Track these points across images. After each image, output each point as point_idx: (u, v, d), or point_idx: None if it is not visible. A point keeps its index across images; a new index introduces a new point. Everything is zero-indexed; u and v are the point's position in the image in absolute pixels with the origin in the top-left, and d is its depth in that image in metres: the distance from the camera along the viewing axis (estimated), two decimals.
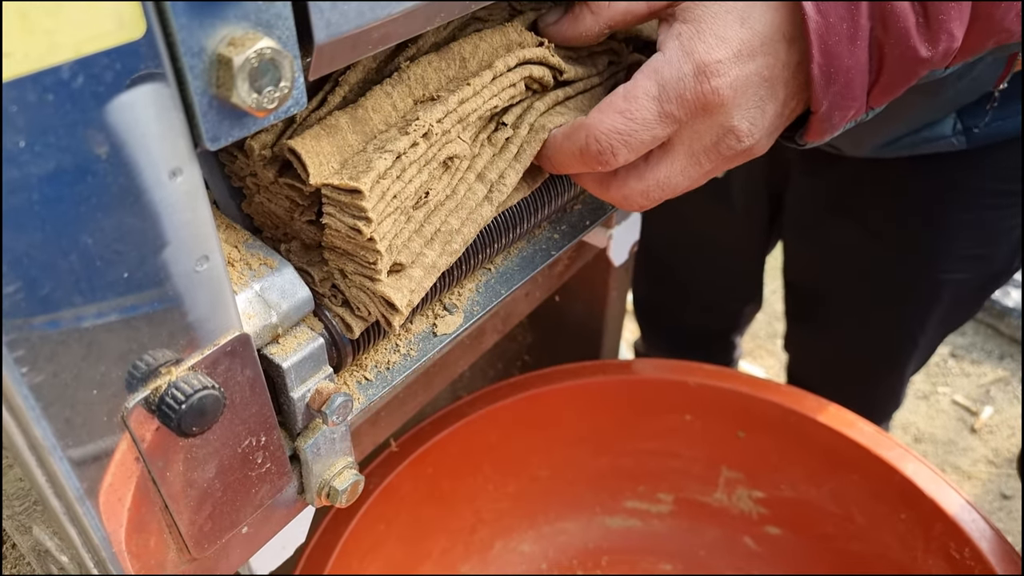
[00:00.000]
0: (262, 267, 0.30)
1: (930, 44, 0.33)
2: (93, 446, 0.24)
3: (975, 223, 0.66)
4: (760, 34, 0.32)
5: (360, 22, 0.25)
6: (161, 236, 0.23)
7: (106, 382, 0.24)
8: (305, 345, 0.31)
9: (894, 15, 0.32)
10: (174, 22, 0.21)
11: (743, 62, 0.33)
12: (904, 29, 0.32)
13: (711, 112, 0.33)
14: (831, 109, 0.34)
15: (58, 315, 0.22)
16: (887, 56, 0.33)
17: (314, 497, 0.34)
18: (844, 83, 0.33)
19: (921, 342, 0.78)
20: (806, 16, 0.31)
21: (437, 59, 0.34)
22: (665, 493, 0.79)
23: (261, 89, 0.23)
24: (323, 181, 0.30)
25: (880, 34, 0.32)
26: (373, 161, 0.30)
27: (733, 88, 0.33)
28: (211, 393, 0.25)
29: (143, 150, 0.22)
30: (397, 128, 0.32)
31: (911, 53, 0.33)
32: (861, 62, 0.33)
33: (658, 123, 0.33)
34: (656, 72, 0.33)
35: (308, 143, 0.30)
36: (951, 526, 0.62)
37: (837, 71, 0.32)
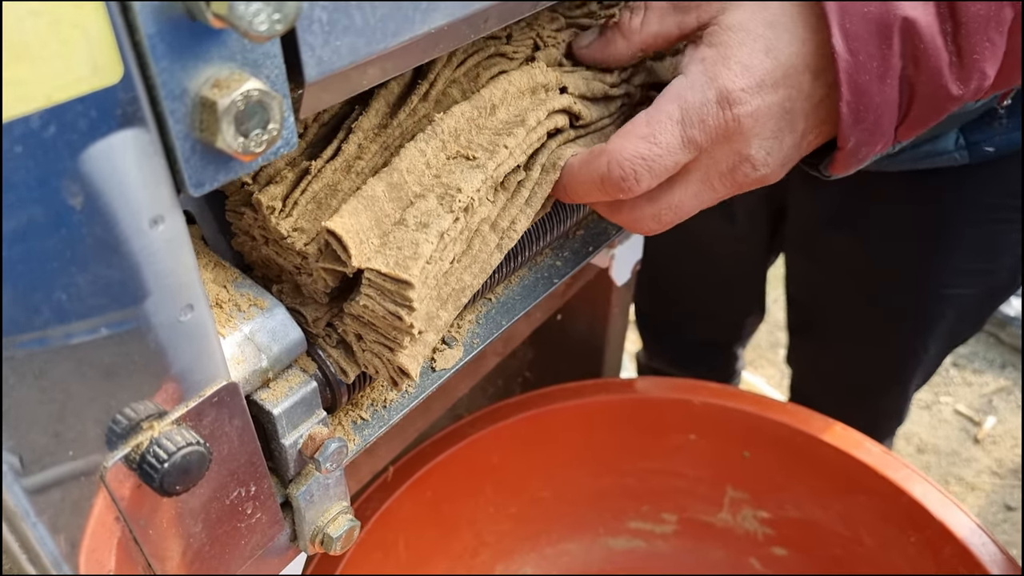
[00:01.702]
0: (252, 308, 0.29)
1: (962, 83, 0.32)
2: (69, 509, 0.23)
3: (977, 237, 0.65)
4: (784, 65, 0.32)
5: (354, 58, 0.24)
6: (142, 287, 0.22)
7: (83, 440, 0.23)
8: (297, 389, 0.29)
9: (927, 54, 0.31)
10: (154, 65, 0.20)
11: (765, 92, 0.32)
12: (936, 68, 0.31)
13: (730, 139, 0.33)
14: (858, 145, 0.33)
15: (30, 364, 0.20)
16: (917, 94, 0.32)
17: (307, 544, 0.32)
18: (873, 120, 0.32)
19: (924, 357, 0.77)
20: (836, 54, 0.30)
21: (469, 108, 0.33)
22: (669, 513, 0.78)
23: (248, 132, 0.21)
24: (368, 265, 0.29)
25: (912, 72, 0.31)
26: (420, 245, 0.29)
27: (754, 117, 0.32)
28: (196, 450, 0.24)
29: (121, 199, 0.21)
30: (436, 196, 0.31)
31: (943, 92, 0.32)
32: (891, 99, 0.32)
33: (681, 149, 0.33)
34: (679, 96, 0.33)
35: (347, 221, 0.29)
36: (961, 549, 0.61)
37: (866, 108, 0.32)
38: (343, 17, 0.23)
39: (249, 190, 0.30)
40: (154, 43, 0.19)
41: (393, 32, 0.25)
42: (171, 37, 0.19)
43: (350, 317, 0.31)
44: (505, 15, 0.30)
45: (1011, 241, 0.66)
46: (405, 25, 0.25)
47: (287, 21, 0.19)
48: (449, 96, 0.35)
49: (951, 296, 0.70)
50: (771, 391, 1.49)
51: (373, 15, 0.24)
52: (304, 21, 0.22)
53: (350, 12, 0.23)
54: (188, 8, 0.19)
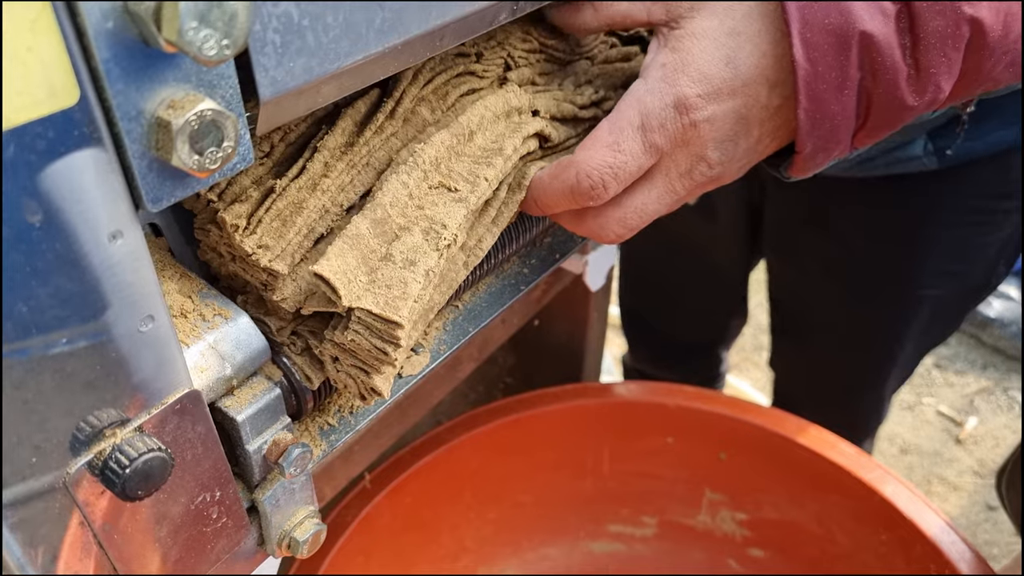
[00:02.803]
0: (216, 318, 0.30)
1: (918, 94, 0.33)
2: (34, 513, 0.24)
3: (950, 240, 0.67)
4: (743, 76, 0.33)
5: (308, 78, 0.25)
6: (102, 299, 0.23)
7: (47, 447, 0.23)
8: (261, 396, 0.30)
9: (884, 67, 0.32)
10: (109, 88, 0.20)
11: (722, 100, 0.33)
12: (893, 81, 0.32)
13: (688, 143, 0.34)
14: (815, 151, 0.34)
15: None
16: (874, 104, 0.33)
17: (274, 548, 0.33)
18: (829, 128, 0.33)
19: (900, 358, 0.78)
20: (795, 63, 0.32)
21: (448, 136, 0.34)
22: (649, 516, 0.79)
23: (203, 151, 0.22)
24: (358, 304, 0.29)
25: (869, 83, 0.32)
26: (408, 284, 0.30)
27: (710, 122, 0.33)
28: (157, 456, 0.25)
29: (80, 215, 0.21)
30: (421, 231, 0.32)
31: (898, 103, 0.33)
32: (848, 109, 0.33)
33: (644, 153, 0.34)
34: (639, 102, 0.34)
35: (334, 263, 0.29)
36: (931, 548, 0.62)
37: (823, 117, 0.33)
38: (296, 39, 0.24)
39: (215, 208, 0.31)
40: (109, 67, 0.20)
41: (346, 52, 0.26)
42: (126, 61, 0.20)
43: (331, 343, 0.32)
44: (460, 33, 0.31)
45: (984, 243, 0.68)
46: (358, 45, 0.26)
47: (236, 46, 0.20)
48: (417, 114, 0.35)
49: (925, 298, 0.72)
50: (756, 394, 1.50)
51: (326, 36, 0.25)
52: (257, 43, 0.23)
53: (303, 34, 0.24)
54: (142, 34, 0.20)
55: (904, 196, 0.66)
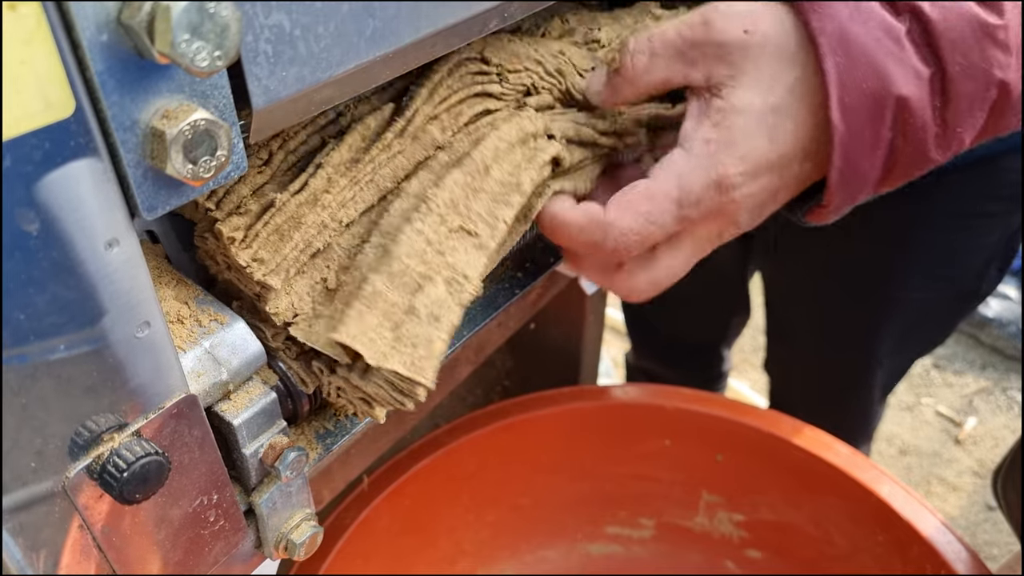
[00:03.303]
0: (212, 323, 0.30)
1: (942, 150, 0.34)
2: (33, 516, 0.24)
3: (936, 242, 0.67)
4: (782, 153, 0.34)
5: (299, 86, 0.25)
6: (98, 306, 0.23)
7: (46, 451, 0.24)
8: (257, 400, 0.31)
9: (915, 128, 0.33)
10: (104, 100, 0.21)
11: (760, 177, 0.34)
12: (922, 139, 0.33)
13: (722, 214, 0.35)
14: (841, 204, 0.35)
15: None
16: (899, 159, 0.34)
17: (271, 551, 0.34)
18: (858, 184, 0.34)
19: (888, 361, 0.78)
20: (832, 125, 0.32)
21: (462, 176, 0.33)
22: (646, 518, 0.79)
23: (196, 160, 0.23)
24: (385, 365, 0.29)
25: (900, 143, 0.33)
26: (433, 343, 0.30)
27: (747, 197, 0.34)
28: (154, 459, 0.25)
29: (77, 224, 0.22)
30: (444, 281, 0.31)
31: (923, 158, 0.34)
32: (877, 167, 0.34)
33: (675, 225, 0.35)
34: (679, 177, 0.34)
35: (353, 328, 0.29)
36: (927, 548, 0.63)
37: (854, 175, 0.34)
38: (288, 48, 0.24)
39: (213, 217, 0.31)
40: (104, 79, 0.21)
41: (338, 61, 0.26)
42: (120, 73, 0.21)
43: (346, 383, 0.32)
44: (452, 41, 0.31)
45: (972, 248, 0.68)
46: (350, 54, 0.26)
47: (228, 58, 0.21)
48: (427, 133, 0.35)
49: (912, 300, 0.72)
50: (754, 396, 1.50)
51: (317, 45, 0.25)
52: (250, 54, 0.24)
53: (295, 44, 0.25)
54: (136, 46, 0.21)
55: (890, 198, 0.66)
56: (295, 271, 0.32)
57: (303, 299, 0.32)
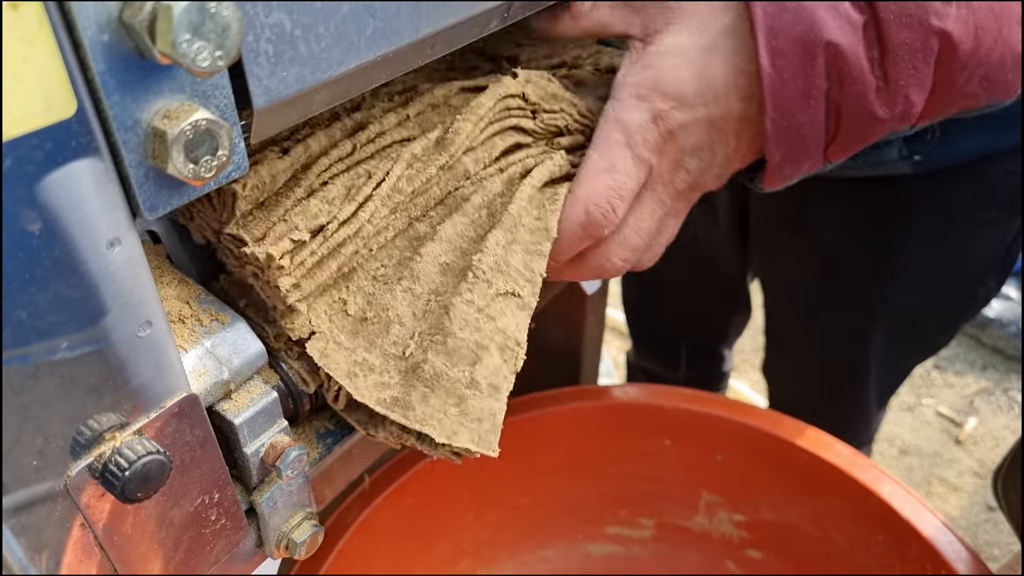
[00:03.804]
0: (214, 323, 0.30)
1: (887, 107, 0.33)
2: (35, 515, 0.24)
3: (927, 246, 0.66)
4: (715, 89, 0.34)
5: (300, 86, 0.26)
6: (100, 305, 0.23)
7: (48, 451, 0.24)
8: (258, 400, 0.31)
9: (851, 77, 0.32)
10: (106, 100, 0.21)
11: (695, 109, 0.34)
12: (862, 92, 0.33)
13: (668, 152, 0.35)
14: (783, 161, 0.35)
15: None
16: (844, 116, 0.34)
17: (272, 550, 0.34)
18: (797, 137, 0.34)
19: (880, 366, 0.77)
20: (761, 70, 0.32)
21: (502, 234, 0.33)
22: (647, 518, 0.79)
23: (198, 159, 0.23)
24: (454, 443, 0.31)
25: (837, 94, 0.33)
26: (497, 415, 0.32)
27: (684, 129, 0.35)
28: (156, 458, 0.25)
29: (78, 224, 0.22)
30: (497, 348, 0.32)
31: (868, 114, 0.33)
32: (815, 119, 0.33)
33: (636, 168, 0.35)
34: (618, 121, 0.35)
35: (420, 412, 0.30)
36: (927, 548, 0.63)
37: (790, 125, 0.33)
38: (288, 48, 0.25)
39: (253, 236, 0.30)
40: (105, 79, 0.21)
41: (339, 61, 0.26)
42: (122, 73, 0.21)
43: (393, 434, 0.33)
44: (452, 41, 0.31)
45: (964, 253, 0.67)
46: (350, 54, 0.27)
47: (228, 57, 0.21)
48: (462, 164, 0.35)
49: (902, 304, 0.71)
50: (754, 396, 1.50)
51: (317, 45, 0.25)
52: (250, 54, 0.24)
53: (295, 44, 0.25)
54: (137, 46, 0.21)
55: (882, 199, 0.65)
56: (319, 293, 0.32)
57: (320, 316, 0.32)
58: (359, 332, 0.32)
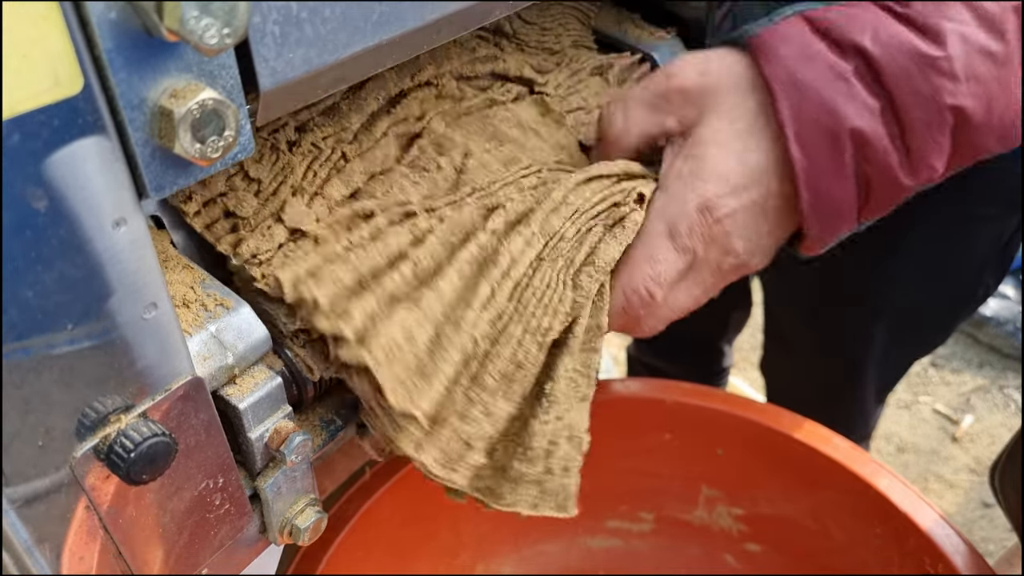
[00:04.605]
0: (218, 308, 0.30)
1: (912, 176, 0.35)
2: (41, 496, 0.24)
3: (926, 245, 0.66)
4: (753, 170, 0.35)
5: (307, 68, 0.26)
6: (106, 286, 0.23)
7: (54, 432, 0.24)
8: (263, 385, 0.31)
9: (877, 155, 0.34)
10: (113, 77, 0.21)
11: (739, 194, 0.36)
12: (887, 165, 0.35)
13: (716, 240, 0.36)
14: (822, 233, 0.37)
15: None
16: (873, 186, 0.36)
17: (276, 536, 0.34)
18: (833, 212, 0.36)
19: (880, 363, 0.77)
20: (793, 160, 0.34)
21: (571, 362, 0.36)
22: (646, 512, 0.79)
23: (204, 139, 0.23)
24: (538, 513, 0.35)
25: (866, 168, 0.35)
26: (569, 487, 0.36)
27: (732, 217, 0.36)
28: (161, 440, 0.25)
29: (85, 202, 0.22)
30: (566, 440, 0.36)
31: (896, 184, 0.35)
32: (848, 194, 0.35)
33: (679, 259, 0.36)
34: (663, 213, 0.36)
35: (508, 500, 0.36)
36: (925, 540, 0.63)
37: (825, 203, 0.35)
38: (295, 30, 0.25)
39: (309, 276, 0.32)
40: (112, 57, 0.21)
41: (345, 43, 0.26)
42: (129, 51, 0.21)
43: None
44: (457, 25, 0.31)
45: (964, 251, 0.67)
46: (356, 37, 0.27)
47: (236, 35, 0.21)
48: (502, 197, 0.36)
49: (900, 301, 0.71)
50: (753, 393, 1.51)
51: (324, 27, 0.25)
52: (257, 34, 0.24)
53: (302, 25, 0.25)
54: (144, 23, 0.21)
55: None
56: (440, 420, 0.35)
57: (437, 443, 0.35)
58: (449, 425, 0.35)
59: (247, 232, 0.33)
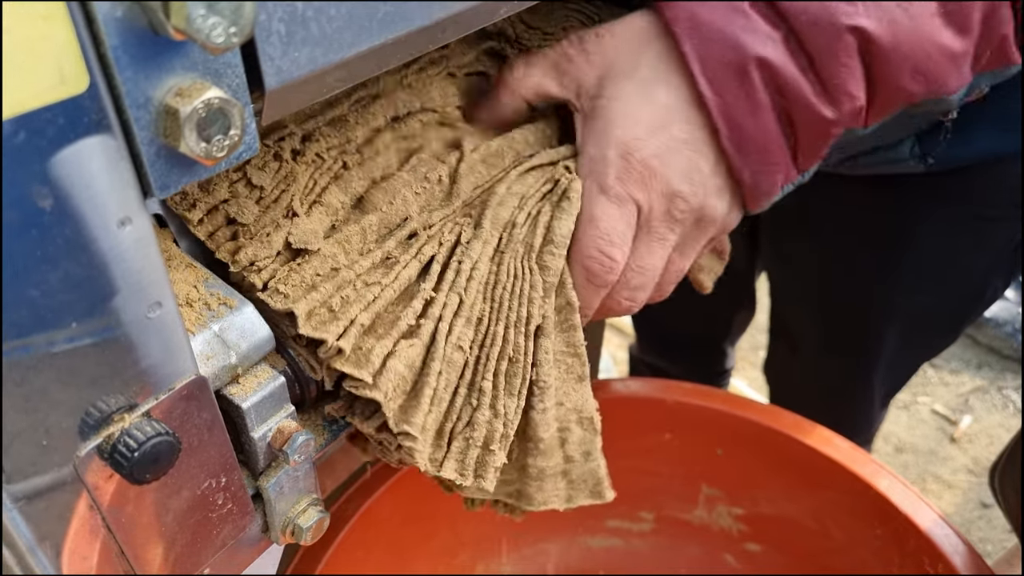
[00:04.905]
0: (221, 307, 0.30)
1: (833, 106, 0.34)
2: (43, 495, 0.24)
3: (935, 246, 0.66)
4: (665, 106, 0.35)
5: (312, 67, 0.25)
6: (110, 285, 0.23)
7: (57, 431, 0.24)
8: (266, 384, 0.30)
9: (788, 85, 0.34)
10: (119, 76, 0.21)
11: (657, 133, 0.35)
12: (803, 96, 0.34)
13: (652, 184, 0.35)
14: (755, 176, 0.36)
15: (3, 365, 0.22)
16: (795, 122, 0.35)
17: (278, 535, 0.34)
18: (759, 150, 0.35)
19: (887, 367, 0.77)
20: (704, 98, 0.34)
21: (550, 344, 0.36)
22: (646, 512, 0.79)
23: (210, 138, 0.23)
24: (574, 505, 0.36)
25: (781, 102, 0.34)
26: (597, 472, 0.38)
27: (658, 157, 0.35)
28: (165, 440, 0.25)
29: (90, 201, 0.22)
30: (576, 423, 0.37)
31: (817, 116, 0.35)
32: (771, 130, 0.35)
33: (619, 210, 0.35)
34: (588, 173, 0.36)
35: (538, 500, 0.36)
36: (924, 541, 0.63)
37: (747, 140, 0.34)
38: (300, 29, 0.24)
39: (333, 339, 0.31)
40: (118, 55, 0.21)
41: (350, 43, 0.26)
42: (135, 49, 0.21)
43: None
44: (462, 25, 0.31)
45: (972, 253, 0.66)
46: (361, 36, 0.26)
47: (243, 34, 0.21)
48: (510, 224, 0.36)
49: (908, 303, 0.71)
50: (752, 393, 1.51)
51: (329, 26, 0.25)
52: (263, 33, 0.24)
53: (307, 24, 0.25)
54: (150, 21, 0.21)
55: (890, 198, 0.65)
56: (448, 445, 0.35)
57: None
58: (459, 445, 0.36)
59: (246, 239, 0.32)
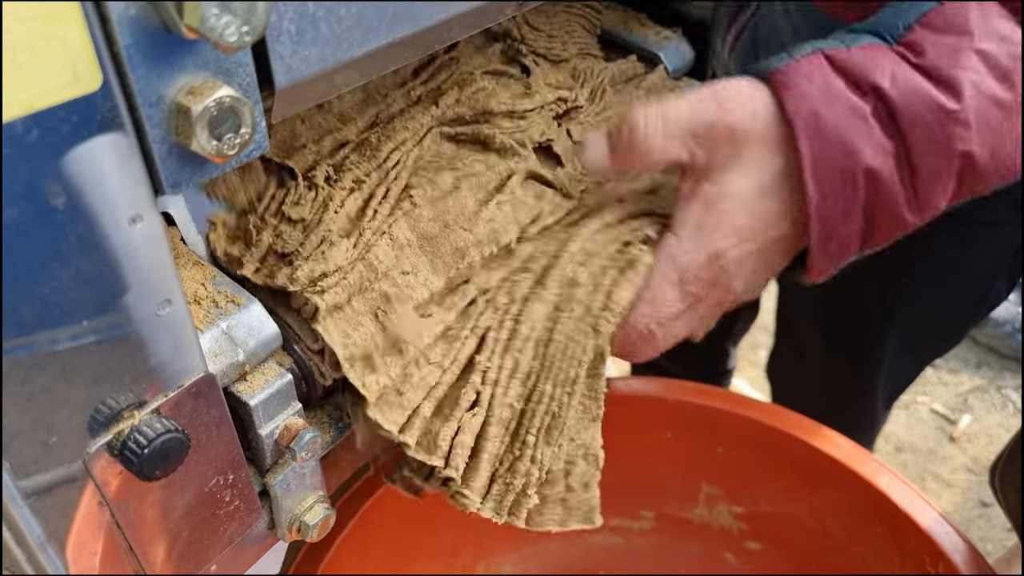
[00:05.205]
0: (229, 304, 0.30)
1: (916, 213, 0.36)
2: (55, 491, 0.24)
3: (939, 249, 0.66)
4: (763, 220, 0.36)
5: (322, 66, 0.26)
6: (121, 282, 0.23)
7: (67, 427, 0.24)
8: (273, 382, 0.31)
9: (886, 193, 0.35)
10: (131, 74, 0.21)
11: (745, 243, 0.36)
12: (894, 203, 0.36)
13: (718, 283, 0.37)
14: (826, 265, 0.38)
15: (16, 361, 0.22)
16: (877, 222, 0.36)
17: (284, 532, 0.34)
18: (838, 246, 0.37)
19: (890, 370, 0.77)
20: (808, 198, 0.35)
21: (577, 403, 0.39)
22: (647, 510, 0.80)
23: (221, 136, 0.23)
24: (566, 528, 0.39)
25: (874, 205, 0.36)
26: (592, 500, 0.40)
27: (737, 263, 0.37)
28: (174, 436, 0.25)
29: (102, 199, 0.22)
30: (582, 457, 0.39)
31: (900, 221, 0.37)
32: (855, 229, 0.36)
33: (681, 301, 0.38)
34: (674, 260, 0.37)
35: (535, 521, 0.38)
36: (925, 540, 0.63)
37: (831, 238, 0.36)
38: (310, 28, 0.25)
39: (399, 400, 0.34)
40: (131, 53, 0.21)
41: (359, 41, 0.26)
42: (148, 47, 0.21)
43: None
44: (468, 25, 0.31)
45: (974, 257, 0.67)
46: (370, 35, 0.27)
47: (255, 33, 0.21)
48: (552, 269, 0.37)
49: (917, 309, 0.71)
50: (753, 393, 1.51)
51: (339, 26, 0.25)
52: (273, 32, 0.24)
53: (317, 24, 0.25)
54: (163, 20, 0.21)
55: None
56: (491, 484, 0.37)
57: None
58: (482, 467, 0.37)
59: (301, 261, 0.33)
